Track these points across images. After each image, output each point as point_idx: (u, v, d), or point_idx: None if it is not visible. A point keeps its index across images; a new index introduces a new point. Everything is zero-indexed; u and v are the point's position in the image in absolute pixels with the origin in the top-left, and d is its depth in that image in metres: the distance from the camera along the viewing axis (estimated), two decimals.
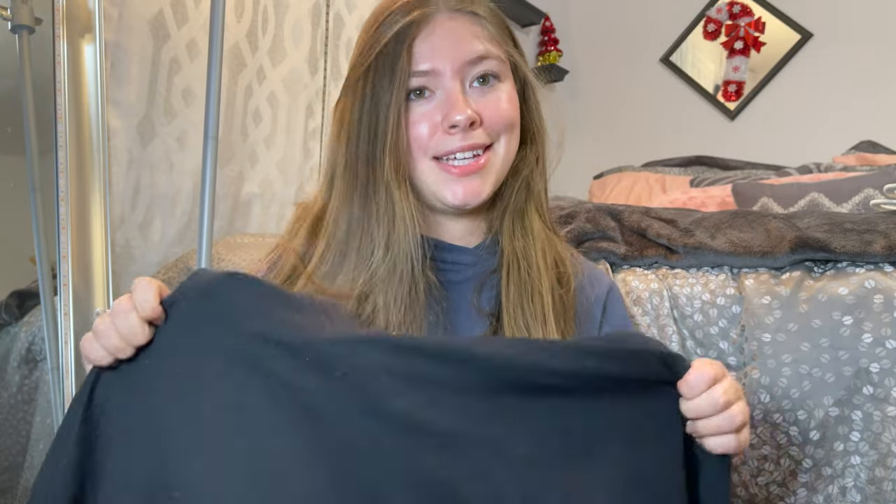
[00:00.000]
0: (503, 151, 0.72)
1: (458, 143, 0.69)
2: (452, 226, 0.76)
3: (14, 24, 1.27)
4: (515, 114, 0.73)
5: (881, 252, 0.80)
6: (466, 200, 0.70)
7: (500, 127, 0.71)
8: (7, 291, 1.38)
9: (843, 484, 0.77)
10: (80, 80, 1.27)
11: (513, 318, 0.69)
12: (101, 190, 1.28)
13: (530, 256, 0.72)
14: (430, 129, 0.69)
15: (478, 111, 0.69)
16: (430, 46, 0.69)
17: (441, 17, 0.70)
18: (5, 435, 1.31)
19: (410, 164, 0.70)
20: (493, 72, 0.71)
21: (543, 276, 0.71)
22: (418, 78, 0.69)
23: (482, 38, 0.70)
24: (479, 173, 0.70)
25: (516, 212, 0.75)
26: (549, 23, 3.24)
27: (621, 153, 3.19)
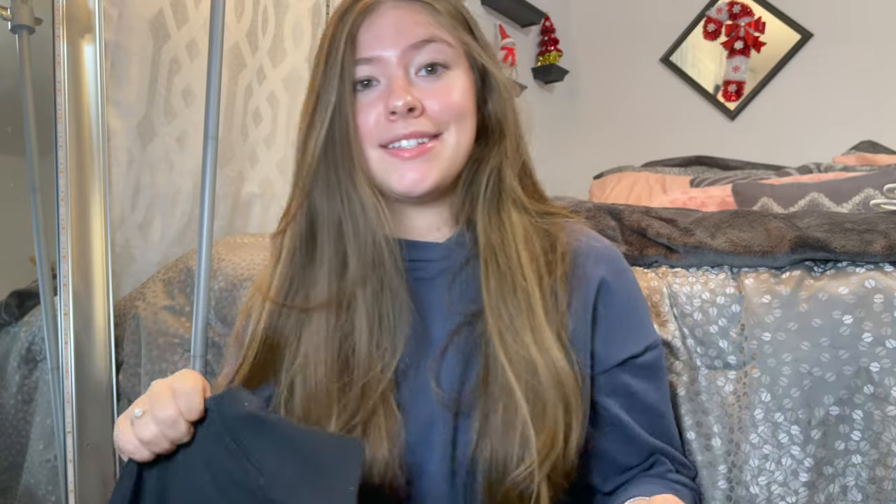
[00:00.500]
0: (453, 141, 0.70)
1: (400, 131, 0.68)
2: (418, 220, 0.75)
3: (14, 24, 1.27)
4: (465, 103, 0.71)
5: (881, 252, 0.80)
6: (412, 186, 0.69)
7: (446, 116, 0.69)
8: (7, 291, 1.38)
9: (844, 483, 0.77)
10: (80, 80, 1.27)
11: (496, 314, 0.67)
12: (101, 190, 1.28)
13: (509, 249, 0.70)
14: (374, 117, 0.68)
15: (422, 99, 0.68)
16: (373, 34, 0.68)
17: (386, 6, 0.69)
18: (5, 435, 1.31)
19: (363, 155, 0.70)
20: (441, 60, 0.69)
21: (527, 268, 0.69)
22: (363, 67, 0.68)
23: (428, 23, 0.69)
24: (424, 158, 0.68)
25: (491, 205, 0.73)
26: (549, 23, 3.24)
27: (621, 153, 3.19)
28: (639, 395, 0.74)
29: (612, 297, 0.74)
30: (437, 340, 0.71)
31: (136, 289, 1.36)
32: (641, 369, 0.74)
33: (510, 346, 0.66)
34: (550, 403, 0.64)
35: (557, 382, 0.65)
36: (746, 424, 0.81)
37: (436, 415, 0.68)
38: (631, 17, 3.35)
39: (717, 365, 0.86)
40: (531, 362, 0.65)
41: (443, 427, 0.67)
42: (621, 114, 3.35)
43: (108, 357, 1.26)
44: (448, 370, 0.69)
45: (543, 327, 0.67)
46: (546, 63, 3.22)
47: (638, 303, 0.77)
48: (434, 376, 0.68)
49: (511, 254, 0.70)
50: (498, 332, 0.67)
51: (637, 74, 3.32)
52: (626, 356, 0.73)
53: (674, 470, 0.76)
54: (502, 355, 0.66)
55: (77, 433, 1.20)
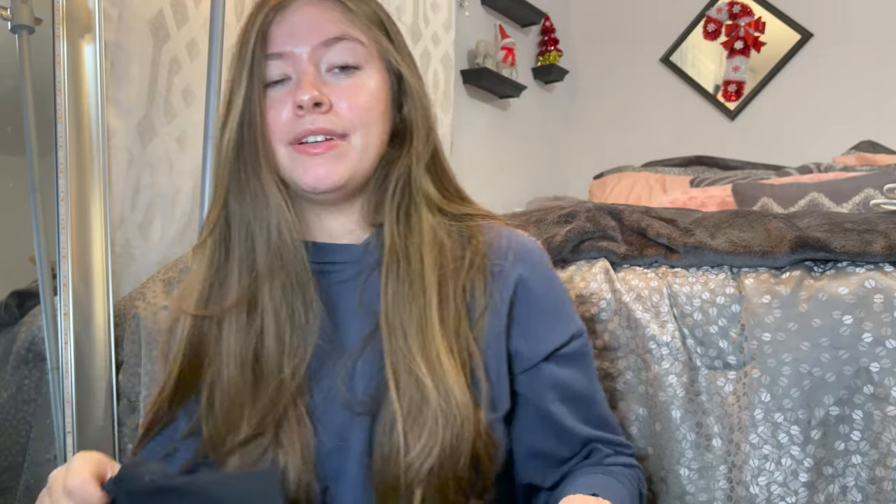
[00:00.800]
0: (360, 144, 0.69)
1: (308, 126, 0.67)
2: (331, 222, 0.74)
3: (14, 24, 1.27)
4: (375, 105, 0.70)
5: (881, 252, 0.80)
6: (317, 182, 0.68)
7: (354, 117, 0.68)
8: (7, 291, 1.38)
9: (843, 483, 0.77)
10: (80, 80, 1.27)
11: (390, 318, 0.67)
12: (101, 190, 1.28)
13: (412, 254, 0.69)
14: (284, 114, 0.68)
15: (331, 96, 0.67)
16: (285, 31, 0.68)
17: (298, 3, 0.68)
18: (5, 435, 1.31)
19: (273, 153, 0.69)
20: (352, 59, 0.69)
21: (429, 274, 0.68)
22: (274, 62, 0.68)
23: (341, 21, 0.68)
24: (331, 155, 0.68)
25: (399, 207, 0.72)
26: (549, 23, 3.24)
27: (621, 153, 3.19)
28: (568, 385, 0.74)
29: (530, 294, 0.73)
30: (352, 344, 0.70)
31: (136, 289, 1.36)
32: (568, 359, 0.74)
33: (401, 363, 0.66)
34: (431, 419, 0.64)
35: (445, 397, 0.64)
36: (746, 425, 0.81)
37: (352, 419, 0.67)
38: (631, 17, 3.35)
39: (717, 365, 0.86)
40: (418, 378, 0.65)
41: (359, 432, 0.67)
42: (621, 114, 3.35)
43: (108, 357, 1.26)
44: (362, 374, 0.68)
45: (436, 338, 0.66)
46: (546, 63, 3.22)
47: (558, 294, 0.76)
48: (345, 381, 0.68)
49: (414, 259, 0.69)
50: (391, 348, 0.67)
51: (637, 74, 3.32)
52: (552, 349, 0.73)
53: (612, 453, 0.76)
54: (390, 374, 0.66)
55: (77, 433, 1.20)
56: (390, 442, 0.64)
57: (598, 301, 0.92)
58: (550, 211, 1.06)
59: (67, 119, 1.24)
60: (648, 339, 0.87)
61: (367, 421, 0.66)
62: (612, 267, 0.96)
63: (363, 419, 0.67)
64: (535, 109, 3.24)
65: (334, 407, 0.68)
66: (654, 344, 0.87)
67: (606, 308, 0.92)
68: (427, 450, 0.63)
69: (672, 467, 0.85)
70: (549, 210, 1.07)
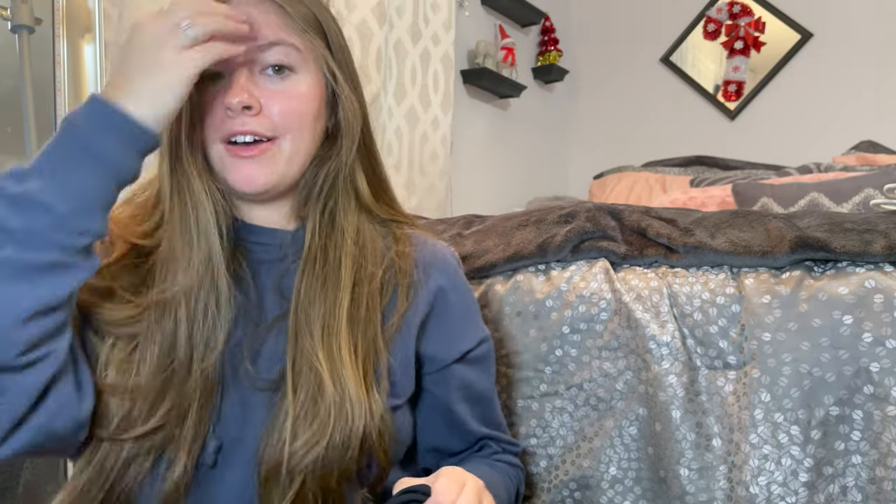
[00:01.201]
0: (289, 148, 0.69)
1: (237, 128, 0.67)
2: (260, 213, 0.74)
3: (14, 24, 1.27)
4: (307, 109, 0.70)
5: (881, 252, 0.80)
6: (244, 185, 0.68)
7: (284, 121, 0.69)
8: None
9: (843, 483, 0.77)
10: (80, 80, 1.27)
11: (299, 314, 0.69)
12: None
13: (331, 253, 0.71)
14: (217, 111, 0.68)
15: (262, 98, 0.68)
16: None
17: (236, 2, 0.68)
18: None
19: (206, 146, 0.69)
20: (287, 62, 0.69)
21: (345, 275, 0.70)
22: None
23: (278, 25, 0.68)
24: (256, 160, 0.68)
25: (326, 208, 0.73)
26: (549, 23, 3.24)
27: (621, 153, 3.19)
28: (473, 386, 0.80)
29: (447, 303, 0.78)
30: (264, 322, 0.71)
31: None
32: (475, 361, 0.81)
33: (304, 355, 0.67)
34: (323, 411, 0.65)
35: (339, 394, 0.66)
36: (746, 424, 0.81)
37: (253, 393, 0.68)
38: (631, 17, 3.35)
39: (717, 365, 0.86)
40: (317, 372, 0.66)
41: (260, 407, 0.68)
42: (621, 114, 3.35)
43: None
44: (269, 353, 0.70)
45: (342, 335, 0.68)
46: (546, 63, 3.22)
47: (470, 302, 0.82)
48: (250, 356, 0.69)
49: (333, 258, 0.71)
50: (295, 339, 0.68)
51: (637, 74, 3.32)
52: (464, 351, 0.79)
53: (500, 451, 0.83)
54: (289, 363, 0.67)
55: None
56: (280, 428, 0.65)
57: (598, 301, 0.92)
58: (550, 211, 1.06)
59: None
60: (648, 339, 0.87)
61: (269, 398, 0.68)
62: (612, 267, 0.96)
63: (266, 395, 0.68)
64: (535, 109, 3.24)
65: (239, 377, 0.69)
66: (654, 344, 0.87)
67: (606, 308, 0.92)
68: (313, 441, 0.65)
69: (672, 467, 0.85)
70: (549, 210, 1.07)
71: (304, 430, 0.65)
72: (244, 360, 0.69)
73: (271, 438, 0.65)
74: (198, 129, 0.69)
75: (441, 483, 0.60)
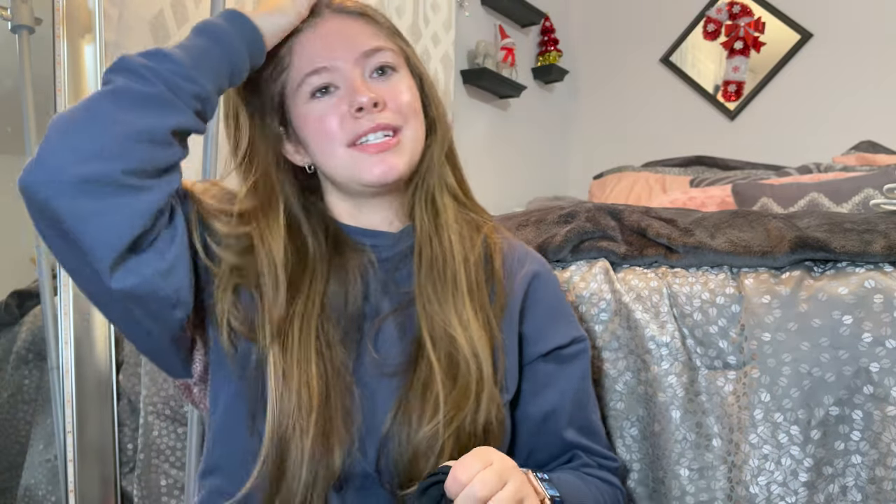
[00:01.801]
0: (412, 134, 0.75)
1: (368, 125, 0.72)
2: (371, 216, 0.79)
3: (14, 24, 1.27)
4: (414, 100, 0.76)
5: (881, 252, 0.80)
6: (384, 176, 0.73)
7: (403, 112, 0.74)
8: (7, 291, 1.38)
9: (843, 483, 0.77)
10: (80, 80, 1.27)
11: (425, 298, 0.73)
12: None
13: (442, 238, 0.76)
14: (338, 119, 0.72)
15: (380, 96, 0.73)
16: (322, 45, 0.74)
17: (326, 18, 0.75)
18: (5, 435, 1.31)
19: (324, 158, 0.75)
20: (390, 63, 0.75)
21: (457, 257, 0.75)
22: (317, 76, 0.73)
23: (373, 34, 0.76)
24: (393, 150, 0.73)
25: (427, 197, 0.78)
26: (549, 23, 3.24)
27: (621, 153, 3.19)
28: (561, 385, 0.78)
29: (542, 290, 0.80)
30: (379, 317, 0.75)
31: None
32: (566, 360, 0.79)
33: (436, 324, 0.71)
34: (462, 366, 0.69)
35: (472, 348, 0.70)
36: (746, 425, 0.81)
37: (379, 380, 0.71)
38: (631, 17, 3.35)
39: (717, 365, 0.86)
40: (451, 337, 0.71)
41: (387, 391, 0.70)
42: (621, 114, 3.35)
43: (108, 357, 1.26)
44: (390, 340, 0.73)
45: (467, 305, 0.73)
46: (546, 63, 3.22)
47: (562, 298, 0.84)
48: (373, 344, 0.73)
49: (444, 239, 0.76)
50: (425, 313, 0.72)
51: (637, 74, 3.32)
52: (553, 346, 0.78)
53: (594, 465, 0.78)
54: (426, 331, 0.71)
55: (77, 433, 1.20)
56: (424, 400, 0.68)
57: (598, 301, 0.92)
58: (550, 211, 1.06)
59: None
60: (648, 340, 0.87)
61: (395, 382, 0.70)
62: (612, 267, 0.96)
63: (391, 380, 0.71)
64: (535, 109, 3.24)
65: (363, 366, 0.72)
66: (654, 344, 0.87)
67: (606, 308, 0.92)
68: (456, 407, 0.68)
69: (672, 467, 0.85)
70: (549, 210, 1.07)
71: (444, 397, 0.68)
72: (369, 351, 0.72)
73: (413, 413, 0.68)
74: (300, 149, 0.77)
75: (463, 460, 0.59)
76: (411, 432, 0.67)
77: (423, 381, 0.69)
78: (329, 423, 0.67)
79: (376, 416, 0.69)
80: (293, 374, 0.67)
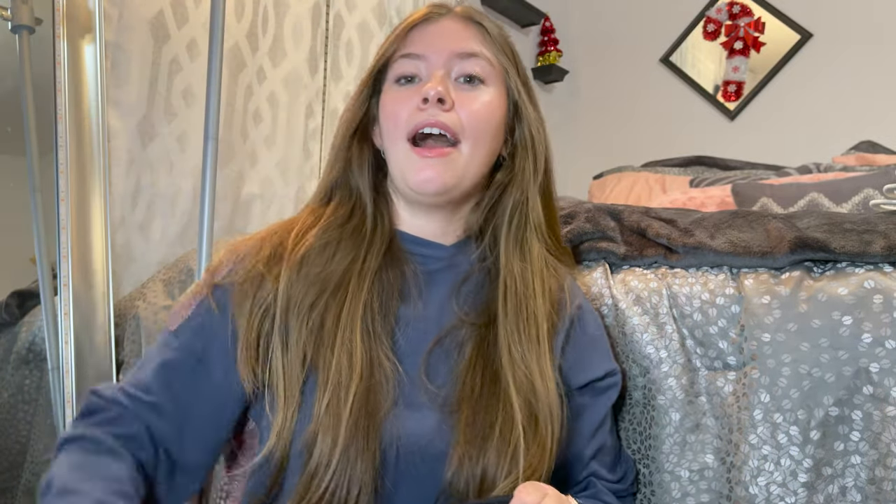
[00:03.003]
0: (468, 153, 0.72)
1: (426, 118, 0.71)
2: (422, 223, 0.78)
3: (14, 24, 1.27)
4: (491, 119, 0.74)
5: (881, 252, 0.80)
6: (425, 184, 0.71)
7: (470, 123, 0.72)
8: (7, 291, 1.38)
9: (843, 484, 0.77)
10: (80, 80, 1.27)
11: (508, 337, 0.71)
12: (101, 190, 1.28)
13: (528, 281, 0.74)
14: (408, 110, 0.72)
15: (451, 97, 0.71)
16: (425, 37, 0.73)
17: (444, 17, 0.75)
18: (5, 435, 1.31)
19: (388, 146, 0.74)
20: (480, 73, 0.73)
21: (539, 301, 0.74)
22: (407, 60, 0.72)
23: (477, 39, 0.74)
24: (440, 161, 0.71)
25: (515, 236, 0.77)
26: (549, 23, 3.24)
27: (621, 153, 3.19)
28: (591, 416, 0.78)
29: (584, 323, 0.79)
30: (430, 330, 0.73)
31: (136, 289, 1.36)
32: (599, 392, 0.79)
33: (517, 366, 0.69)
34: (542, 423, 0.68)
35: (549, 406, 0.69)
36: (746, 425, 0.81)
37: (418, 401, 0.69)
38: (631, 17, 3.35)
39: (717, 366, 0.86)
40: (532, 384, 0.69)
41: (428, 414, 0.68)
42: (621, 114, 3.35)
43: (109, 357, 1.26)
44: (435, 363, 0.71)
45: (546, 356, 0.71)
46: (546, 63, 3.22)
47: (602, 331, 0.83)
48: (424, 367, 0.70)
49: (529, 283, 0.74)
50: (508, 349, 0.70)
51: (637, 74, 3.32)
52: (589, 379, 0.78)
53: (607, 492, 0.79)
54: (508, 372, 0.69)
55: None
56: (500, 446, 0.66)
57: (600, 306, 0.92)
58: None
59: (67, 119, 1.24)
60: (647, 342, 0.87)
61: (437, 408, 0.68)
62: (612, 268, 0.96)
63: (434, 406, 0.68)
64: None
65: (410, 380, 0.70)
66: (653, 346, 0.87)
67: (608, 313, 0.92)
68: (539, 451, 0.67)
69: (671, 468, 0.85)
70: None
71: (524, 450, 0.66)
72: (420, 372, 0.70)
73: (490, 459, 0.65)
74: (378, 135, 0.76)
75: (525, 487, 0.60)
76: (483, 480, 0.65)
77: (501, 426, 0.66)
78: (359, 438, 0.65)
79: (420, 435, 0.67)
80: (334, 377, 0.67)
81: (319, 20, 1.96)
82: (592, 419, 0.78)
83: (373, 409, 0.65)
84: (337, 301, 0.69)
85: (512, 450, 0.65)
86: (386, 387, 0.67)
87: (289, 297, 0.69)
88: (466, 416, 0.67)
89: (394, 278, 0.74)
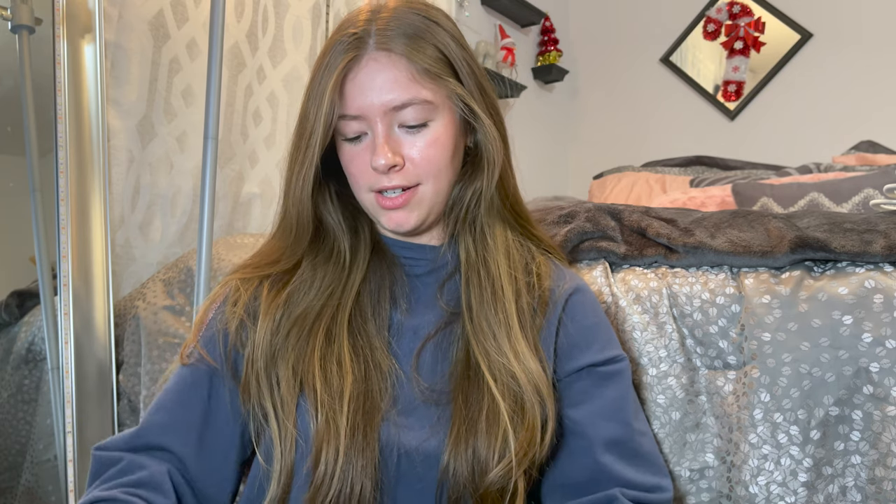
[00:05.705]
0: (430, 191, 0.75)
1: (385, 183, 0.73)
2: (412, 240, 0.82)
3: (14, 24, 1.27)
4: (444, 153, 0.74)
5: (881, 252, 0.80)
6: (397, 227, 0.76)
7: (425, 168, 0.74)
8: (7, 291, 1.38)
9: (843, 483, 0.77)
10: (80, 80, 1.27)
11: (476, 324, 0.73)
12: (101, 190, 1.28)
13: (489, 265, 0.76)
14: (363, 167, 0.74)
15: (403, 150, 0.73)
16: (357, 91, 0.72)
17: (366, 59, 0.71)
18: (5, 435, 1.31)
19: (355, 192, 0.78)
20: (421, 118, 0.73)
21: (506, 284, 0.75)
22: (350, 122, 0.73)
23: (407, 81, 0.71)
24: (405, 208, 0.75)
25: (472, 224, 0.79)
26: (549, 23, 3.24)
27: (621, 153, 3.19)
28: (596, 403, 0.74)
29: (580, 306, 0.79)
30: (421, 330, 0.76)
31: (136, 289, 1.36)
32: (602, 378, 0.76)
33: (491, 355, 0.71)
34: (528, 405, 0.69)
35: (534, 386, 0.70)
36: (746, 424, 0.81)
37: (415, 401, 0.72)
38: (631, 17, 3.35)
39: (717, 365, 0.86)
40: (509, 369, 0.70)
41: (424, 412, 0.71)
42: (621, 114, 3.35)
43: (109, 357, 1.26)
44: (427, 361, 0.75)
45: (519, 337, 0.72)
46: (546, 63, 3.22)
47: (602, 320, 0.81)
48: (415, 365, 0.74)
49: (491, 268, 0.76)
50: (476, 340, 0.72)
51: (637, 74, 3.32)
52: (587, 363, 0.76)
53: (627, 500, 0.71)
54: (483, 362, 0.71)
55: (77, 433, 1.20)
56: (490, 434, 0.68)
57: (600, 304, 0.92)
58: (550, 211, 1.06)
59: (67, 119, 1.24)
60: (647, 341, 0.87)
61: (431, 406, 0.71)
62: (612, 267, 0.96)
63: (428, 404, 0.71)
64: (535, 109, 3.24)
65: (404, 380, 0.73)
66: (653, 345, 0.87)
67: (607, 312, 0.92)
68: (528, 433, 0.68)
69: (672, 468, 0.85)
70: (549, 210, 1.07)
71: (513, 435, 0.68)
72: (413, 370, 0.74)
73: (480, 449, 0.67)
74: (351, 180, 0.77)
75: None
76: (477, 468, 0.67)
77: (487, 414, 0.68)
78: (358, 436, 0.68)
79: (415, 433, 0.70)
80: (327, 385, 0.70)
81: (319, 20, 1.96)
82: (596, 405, 0.74)
83: (370, 410, 0.69)
84: (323, 325, 0.74)
85: (501, 435, 0.67)
86: (381, 387, 0.71)
87: (273, 346, 0.74)
88: (456, 409, 0.70)
89: (382, 282, 0.78)
